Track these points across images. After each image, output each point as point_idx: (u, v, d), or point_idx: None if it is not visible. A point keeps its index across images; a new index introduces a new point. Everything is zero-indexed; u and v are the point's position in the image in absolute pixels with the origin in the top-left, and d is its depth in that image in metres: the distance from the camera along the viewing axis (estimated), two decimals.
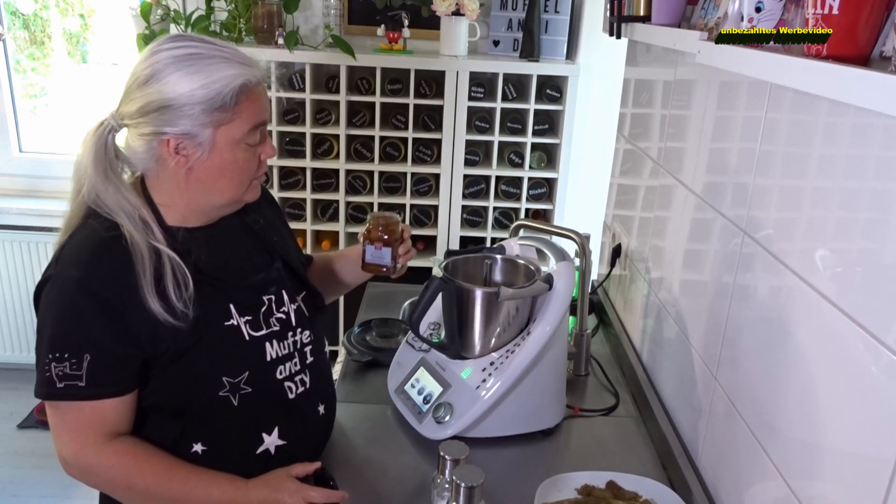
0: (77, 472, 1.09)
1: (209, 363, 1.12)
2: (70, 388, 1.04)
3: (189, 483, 1.09)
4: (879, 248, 0.76)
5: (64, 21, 3.17)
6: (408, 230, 1.40)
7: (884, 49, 0.76)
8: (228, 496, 1.10)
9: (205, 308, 1.10)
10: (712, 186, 1.25)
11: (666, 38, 1.33)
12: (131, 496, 1.11)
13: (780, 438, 0.96)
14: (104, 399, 1.06)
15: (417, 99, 2.66)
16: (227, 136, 1.08)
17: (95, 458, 1.07)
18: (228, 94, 1.05)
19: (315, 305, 1.30)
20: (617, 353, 1.72)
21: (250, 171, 1.14)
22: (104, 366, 1.05)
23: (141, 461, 1.08)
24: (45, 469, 2.59)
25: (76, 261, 1.06)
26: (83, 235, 1.09)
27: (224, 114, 1.06)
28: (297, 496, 1.09)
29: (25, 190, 3.09)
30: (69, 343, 1.03)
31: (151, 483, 1.08)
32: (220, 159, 1.09)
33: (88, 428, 1.06)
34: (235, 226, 1.22)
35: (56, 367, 1.03)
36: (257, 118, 1.10)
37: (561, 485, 1.17)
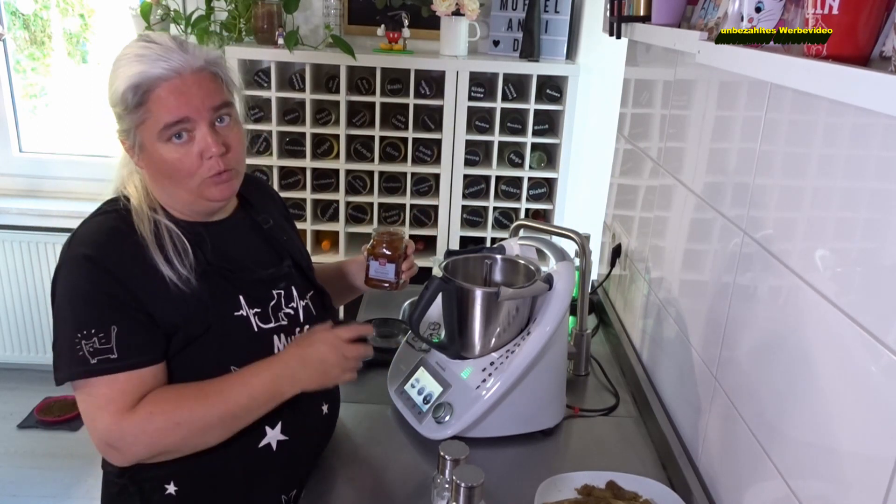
0: (121, 450, 1.06)
1: (217, 352, 1.12)
2: (103, 361, 1.03)
3: (226, 391, 1.09)
4: (879, 248, 0.76)
5: (64, 21, 3.17)
6: (411, 246, 1.40)
7: (884, 49, 0.76)
8: (265, 374, 1.11)
9: (214, 297, 1.12)
10: (712, 186, 1.25)
11: (666, 38, 1.33)
12: (186, 432, 1.08)
13: (780, 438, 0.96)
14: (138, 369, 1.06)
15: (417, 99, 2.66)
16: (148, 135, 1.08)
17: (133, 418, 1.04)
18: (128, 93, 1.05)
19: (323, 305, 1.31)
20: (617, 353, 1.72)
21: (190, 169, 1.09)
22: (133, 334, 1.05)
23: (174, 397, 1.07)
24: (45, 469, 2.59)
25: (86, 241, 1.08)
26: (93, 221, 1.12)
27: (136, 114, 1.07)
28: (328, 338, 1.13)
29: (25, 190, 3.09)
30: (93, 318, 1.04)
31: (197, 408, 1.07)
32: (154, 157, 1.10)
33: (122, 396, 1.05)
34: (245, 223, 1.24)
35: (86, 344, 1.03)
36: (169, 116, 1.06)
37: (561, 485, 1.17)
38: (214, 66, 1.11)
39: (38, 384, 3.02)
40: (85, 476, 2.55)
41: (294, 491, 1.24)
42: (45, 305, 3.00)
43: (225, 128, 1.12)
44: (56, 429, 2.79)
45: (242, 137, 1.17)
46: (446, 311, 1.30)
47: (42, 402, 2.90)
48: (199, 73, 1.08)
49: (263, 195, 1.35)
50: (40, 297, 3.05)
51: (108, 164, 1.21)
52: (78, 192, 3.03)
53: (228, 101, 1.13)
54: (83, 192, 3.01)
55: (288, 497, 1.24)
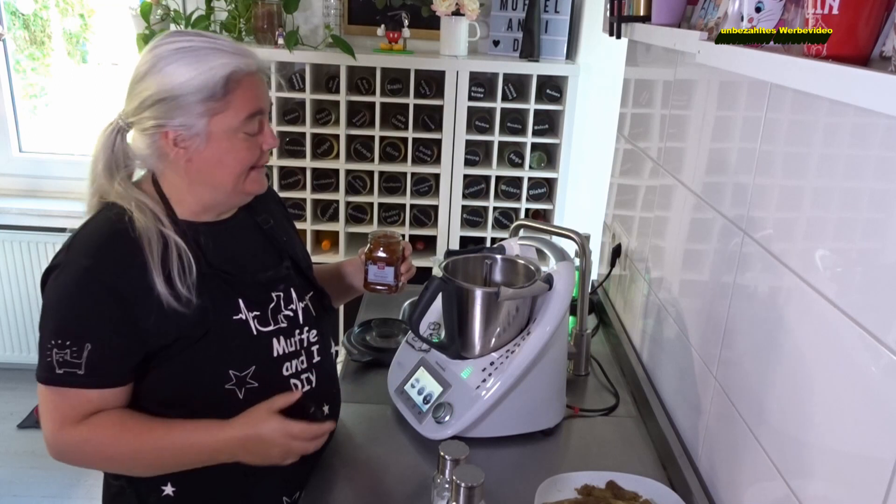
0: (56, 452, 1.10)
1: (216, 356, 1.12)
2: (68, 375, 1.05)
3: (165, 438, 1.09)
4: (879, 248, 0.76)
5: (64, 21, 3.17)
6: (409, 248, 1.40)
7: (884, 49, 0.76)
8: (207, 440, 1.10)
9: (214, 301, 1.12)
10: (712, 186, 1.25)
11: (666, 38, 1.33)
12: (116, 465, 1.13)
13: (780, 438, 0.96)
14: (98, 389, 1.07)
15: (417, 99, 2.66)
16: (222, 126, 1.08)
17: (71, 435, 1.07)
18: (219, 82, 1.06)
19: (323, 306, 1.31)
20: (617, 353, 1.72)
21: (250, 161, 1.13)
22: (104, 357, 1.06)
23: (114, 428, 1.08)
24: (45, 469, 2.59)
25: (87, 249, 1.07)
26: (95, 225, 1.11)
27: (216, 103, 1.07)
28: (277, 433, 1.09)
29: (25, 190, 3.09)
30: (72, 331, 1.05)
31: (129, 446, 1.09)
32: (217, 149, 1.09)
33: (72, 411, 1.07)
34: (246, 224, 1.24)
35: (57, 353, 1.04)
36: (252, 107, 1.10)
37: (561, 485, 1.17)
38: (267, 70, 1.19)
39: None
40: (85, 476, 2.55)
41: (297, 493, 1.24)
42: None
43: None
44: None
45: None
46: (446, 311, 1.30)
47: None
48: (263, 72, 1.16)
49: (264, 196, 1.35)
50: (40, 298, 3.04)
51: None
52: (78, 192, 2.99)
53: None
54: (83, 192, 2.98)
55: (291, 499, 1.24)
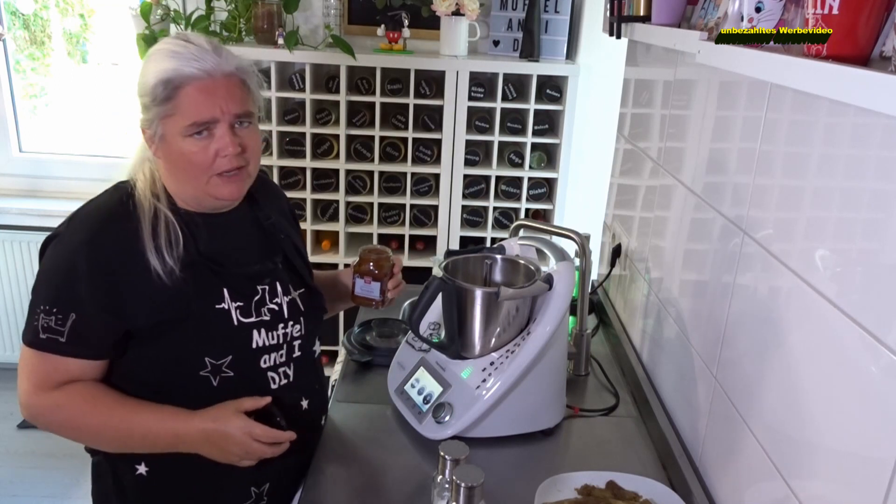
0: (28, 413, 1.15)
1: (195, 342, 1.15)
2: (51, 341, 1.10)
3: (133, 417, 1.14)
4: (879, 248, 0.76)
5: (64, 21, 3.17)
6: (399, 264, 1.41)
7: (884, 49, 0.76)
8: (172, 426, 1.14)
9: (198, 287, 1.15)
10: (712, 186, 1.25)
11: (666, 38, 1.33)
12: (80, 436, 1.19)
13: (780, 438, 0.96)
14: (77, 358, 1.12)
15: (417, 99, 2.65)
16: (171, 129, 1.12)
17: (45, 399, 1.12)
18: (159, 86, 1.09)
19: (313, 304, 1.32)
20: (617, 353, 1.72)
21: (203, 165, 1.13)
22: (87, 329, 1.11)
23: (86, 399, 1.13)
24: (45, 469, 2.59)
25: (86, 224, 1.13)
26: (100, 202, 1.17)
27: (163, 107, 1.10)
28: (241, 432, 1.12)
29: (25, 190, 3.09)
30: (60, 299, 1.10)
31: (97, 420, 1.14)
32: (172, 149, 1.13)
33: (49, 376, 1.12)
34: (245, 218, 1.26)
35: (44, 318, 1.10)
36: (196, 116, 1.10)
37: (561, 485, 1.17)
38: (244, 74, 1.15)
39: None
40: (85, 476, 2.53)
41: (267, 485, 1.26)
42: None
43: (244, 130, 1.16)
44: None
45: (260, 141, 1.21)
46: (446, 311, 1.30)
47: None
48: (229, 77, 1.13)
49: (269, 193, 1.37)
50: None
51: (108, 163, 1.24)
52: (78, 192, 3.03)
53: (251, 112, 1.17)
54: (83, 192, 2.97)
55: (259, 490, 1.26)
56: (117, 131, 3.24)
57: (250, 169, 1.19)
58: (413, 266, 2.78)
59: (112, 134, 3.24)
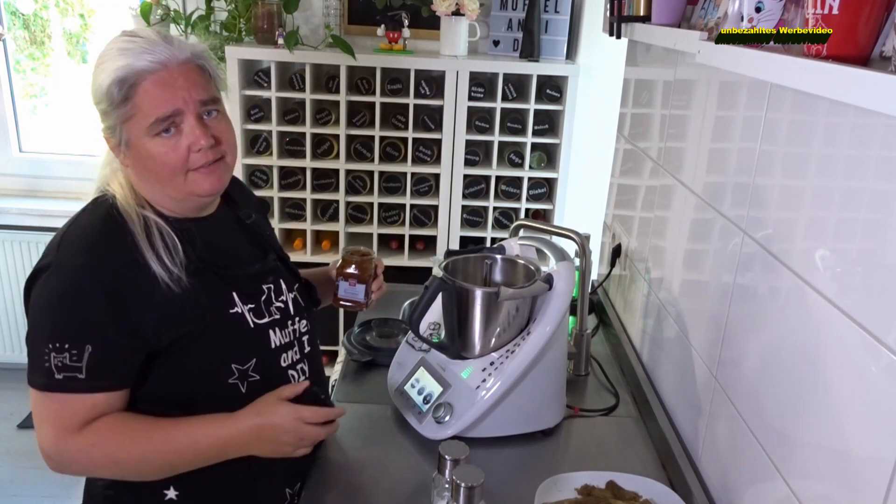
0: (57, 464, 1.05)
1: (217, 351, 1.11)
2: (69, 379, 1.01)
3: (174, 436, 1.06)
4: (879, 248, 0.76)
5: (64, 21, 3.17)
6: (381, 265, 1.39)
7: (884, 49, 0.76)
8: (218, 433, 1.07)
9: (209, 296, 1.11)
10: (712, 186, 1.25)
11: (666, 38, 1.33)
12: (122, 471, 1.08)
13: (780, 438, 0.96)
14: (102, 392, 1.03)
15: (417, 99, 2.66)
16: (134, 131, 1.05)
17: (74, 442, 1.03)
18: (114, 87, 1.02)
19: (310, 297, 1.32)
20: (617, 353, 1.72)
21: (176, 163, 1.06)
22: (106, 358, 1.02)
23: (119, 431, 1.04)
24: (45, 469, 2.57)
25: (80, 248, 1.04)
26: (84, 221, 1.08)
27: (122, 109, 1.03)
28: (289, 418, 1.08)
29: (25, 190, 3.09)
30: (71, 333, 1.01)
31: (137, 448, 1.05)
32: (139, 153, 1.06)
33: (73, 418, 1.03)
34: (228, 219, 1.22)
35: (56, 357, 1.00)
36: (158, 111, 1.03)
37: (561, 485, 1.17)
38: (200, 59, 1.09)
39: None
40: None
41: (298, 484, 1.25)
42: None
43: (213, 120, 1.09)
44: None
45: (232, 130, 1.14)
46: (446, 311, 1.30)
47: None
48: (186, 65, 1.06)
49: (242, 191, 1.34)
50: None
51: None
52: (78, 192, 3.00)
53: (216, 97, 1.10)
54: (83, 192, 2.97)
55: (293, 490, 1.25)
56: None
57: (228, 160, 1.12)
58: (413, 266, 2.78)
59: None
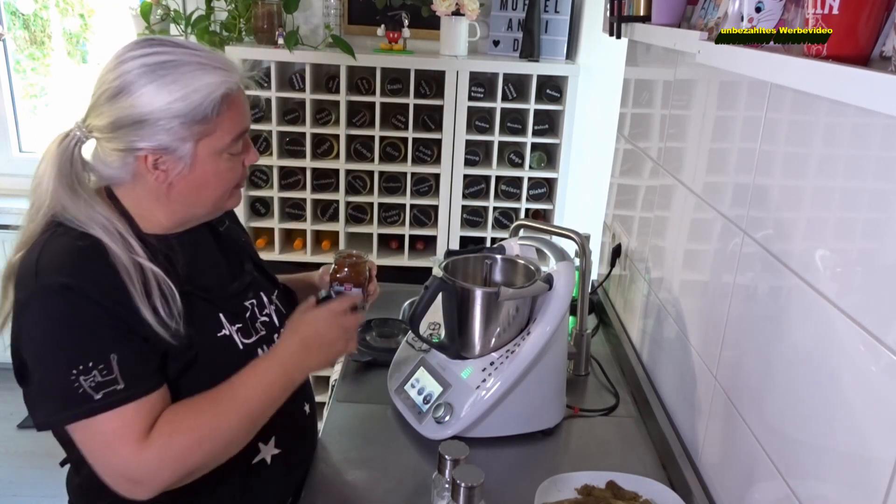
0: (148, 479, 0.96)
1: (208, 377, 1.05)
2: (110, 394, 0.93)
3: (239, 393, 1.03)
4: (879, 248, 0.76)
5: (64, 21, 3.17)
6: (374, 268, 1.36)
7: (884, 49, 0.76)
8: (273, 366, 1.07)
9: (197, 321, 1.06)
10: (712, 186, 1.25)
11: (666, 38, 1.33)
12: (212, 446, 1.01)
13: (780, 438, 0.96)
14: (147, 395, 0.97)
15: (417, 99, 2.66)
16: (209, 148, 1.02)
17: (152, 447, 0.96)
18: (209, 105, 0.98)
19: (289, 302, 1.28)
20: (617, 353, 1.72)
21: (234, 181, 1.08)
22: (134, 360, 0.97)
23: (186, 415, 1.00)
24: (45, 469, 2.59)
25: (60, 269, 0.96)
26: (57, 245, 0.99)
27: (205, 126, 1.00)
28: (322, 317, 1.12)
29: (25, 190, 3.06)
30: (89, 350, 0.94)
31: (212, 419, 1.00)
32: (202, 171, 1.03)
33: (135, 427, 0.95)
34: (203, 230, 1.16)
35: (86, 379, 0.92)
36: (240, 126, 1.04)
37: (561, 485, 1.17)
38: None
39: None
40: None
41: (290, 499, 1.24)
42: None
43: None
44: None
45: None
46: (446, 311, 1.30)
47: None
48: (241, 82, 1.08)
49: None
50: None
51: None
52: None
53: None
54: None
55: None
56: None
57: None
58: (413, 266, 2.78)
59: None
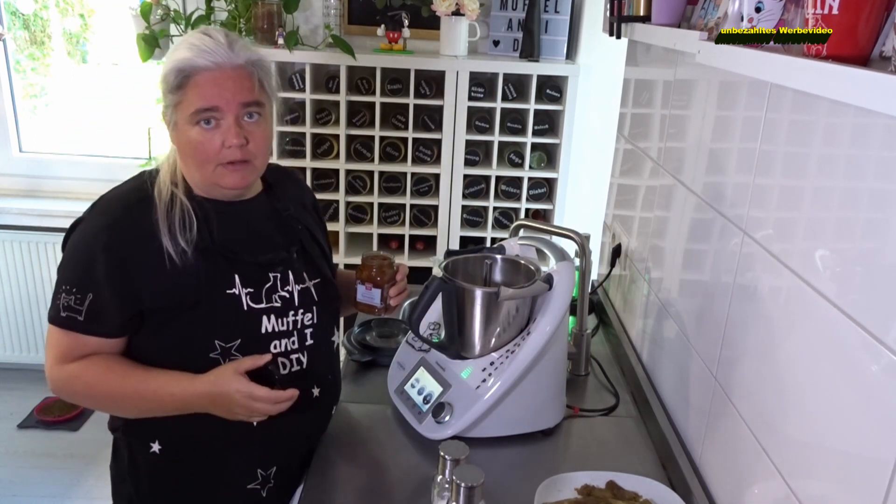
0: (51, 385, 1.22)
1: (204, 325, 1.20)
2: (70, 319, 1.17)
3: (145, 383, 1.19)
4: (879, 248, 0.76)
5: (64, 21, 3.17)
6: (403, 270, 1.39)
7: (884, 49, 0.76)
8: (179, 390, 1.18)
9: (210, 274, 1.19)
10: (712, 186, 1.25)
11: (666, 38, 1.33)
12: (98, 404, 1.28)
13: (780, 438, 0.96)
14: (93, 336, 1.18)
15: (417, 99, 2.65)
16: (180, 116, 1.18)
17: (65, 371, 1.19)
18: (171, 75, 1.16)
19: (328, 294, 1.34)
20: (617, 353, 1.72)
21: (209, 153, 1.18)
22: (102, 308, 1.17)
23: (102, 369, 1.19)
24: (45, 469, 2.59)
25: (107, 211, 1.21)
26: (120, 191, 1.24)
27: (175, 95, 1.17)
28: (241, 395, 1.15)
29: (25, 190, 3.09)
30: (80, 281, 1.17)
31: (111, 387, 1.20)
32: (183, 137, 1.19)
33: (69, 351, 1.19)
34: (262, 207, 1.31)
35: (65, 297, 1.17)
36: (199, 103, 1.15)
37: (561, 485, 1.17)
38: (252, 67, 1.20)
39: (38, 384, 3.01)
40: (85, 476, 2.55)
41: (273, 468, 1.28)
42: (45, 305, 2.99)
43: (251, 123, 1.20)
44: (56, 429, 2.80)
45: (268, 136, 1.25)
46: (446, 311, 1.30)
47: (42, 402, 2.90)
48: (238, 69, 1.18)
49: (291, 186, 1.41)
50: (40, 297, 3.04)
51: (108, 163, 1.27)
52: (78, 192, 3.03)
53: (259, 101, 1.21)
54: (83, 192, 3.00)
55: (266, 473, 1.28)
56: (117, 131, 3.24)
57: (256, 163, 1.23)
58: (413, 266, 2.76)
59: (112, 134, 3.25)
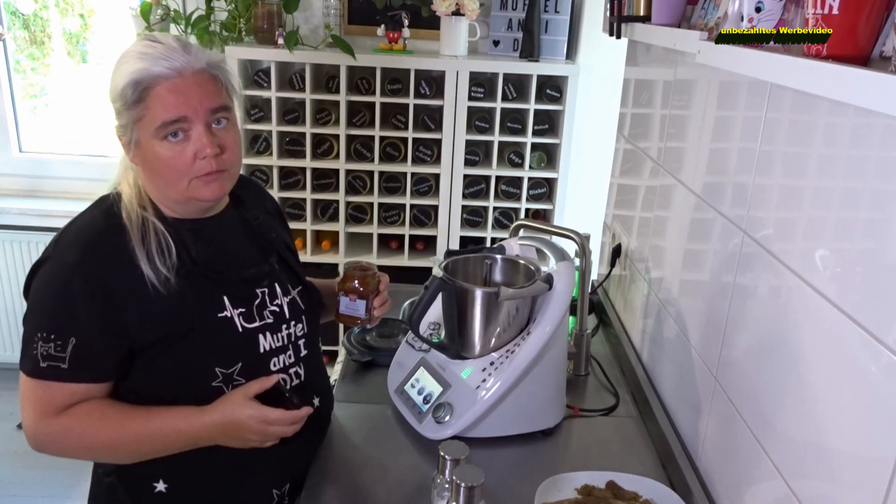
0: (35, 443, 1.13)
1: (201, 353, 1.13)
2: (52, 368, 1.07)
3: (146, 425, 1.11)
4: (879, 248, 0.76)
5: (64, 21, 3.17)
6: (385, 280, 1.36)
7: (884, 49, 0.76)
8: (187, 427, 1.11)
9: (198, 298, 1.12)
10: (712, 186, 1.25)
11: (666, 38, 1.33)
12: (95, 455, 1.16)
13: (780, 438, 0.96)
14: (81, 382, 1.09)
15: (417, 99, 2.66)
16: (143, 133, 1.08)
17: (52, 425, 1.10)
18: (128, 89, 1.06)
19: (312, 300, 1.31)
20: (617, 353, 1.72)
21: (181, 168, 1.09)
22: (88, 352, 1.08)
23: (95, 417, 1.10)
24: (45, 469, 2.59)
25: (75, 245, 1.09)
26: (85, 220, 1.13)
27: (134, 110, 1.07)
28: (254, 420, 1.10)
29: (25, 190, 3.09)
30: (58, 325, 1.07)
31: (110, 434, 1.11)
32: (146, 155, 1.10)
33: (54, 402, 1.09)
34: (233, 220, 1.24)
35: (42, 346, 1.07)
36: (164, 116, 1.06)
37: (561, 485, 1.17)
38: (215, 69, 1.12)
39: None
40: (85, 476, 2.53)
41: (287, 485, 1.25)
42: None
43: (221, 130, 1.12)
44: None
45: (239, 140, 1.17)
46: (446, 311, 1.30)
47: None
48: (200, 74, 1.09)
49: (255, 194, 1.35)
50: None
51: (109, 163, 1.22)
52: (78, 192, 3.03)
53: (227, 105, 1.13)
54: (83, 192, 3.00)
55: (281, 492, 1.25)
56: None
57: (233, 171, 1.16)
58: (413, 266, 2.78)
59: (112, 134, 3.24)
